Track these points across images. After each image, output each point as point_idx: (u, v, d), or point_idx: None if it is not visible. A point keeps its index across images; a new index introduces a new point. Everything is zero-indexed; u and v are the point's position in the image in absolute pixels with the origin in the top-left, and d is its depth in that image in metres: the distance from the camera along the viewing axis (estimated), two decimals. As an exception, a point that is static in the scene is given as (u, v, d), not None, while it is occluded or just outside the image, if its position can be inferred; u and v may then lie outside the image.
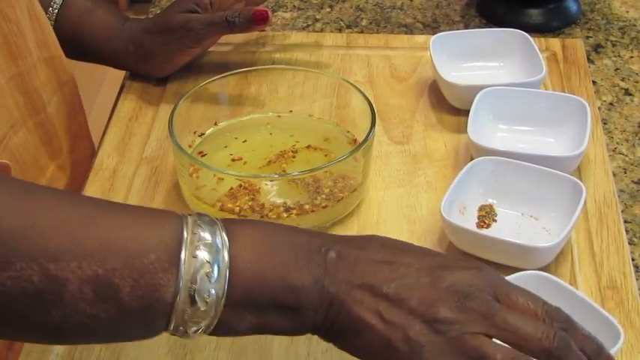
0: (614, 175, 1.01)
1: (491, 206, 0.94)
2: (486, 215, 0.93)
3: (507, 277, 0.83)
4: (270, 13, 1.04)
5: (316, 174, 0.93)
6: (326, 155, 0.98)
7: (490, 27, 1.26)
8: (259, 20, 1.04)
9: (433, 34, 1.12)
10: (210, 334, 0.65)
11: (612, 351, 0.76)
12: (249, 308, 0.65)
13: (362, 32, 1.25)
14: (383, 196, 0.98)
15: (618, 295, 0.87)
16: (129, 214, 0.65)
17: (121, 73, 1.16)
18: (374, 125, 0.94)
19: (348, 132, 1.01)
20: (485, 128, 1.02)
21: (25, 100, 0.96)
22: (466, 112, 1.01)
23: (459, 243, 0.90)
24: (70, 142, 1.05)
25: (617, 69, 1.18)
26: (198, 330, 0.64)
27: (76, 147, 1.06)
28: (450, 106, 1.08)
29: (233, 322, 0.65)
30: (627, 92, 1.14)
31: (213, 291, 0.63)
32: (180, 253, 0.63)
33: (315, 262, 0.66)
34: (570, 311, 0.81)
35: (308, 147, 0.99)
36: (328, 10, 1.30)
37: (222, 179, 0.93)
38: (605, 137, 1.06)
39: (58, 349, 0.83)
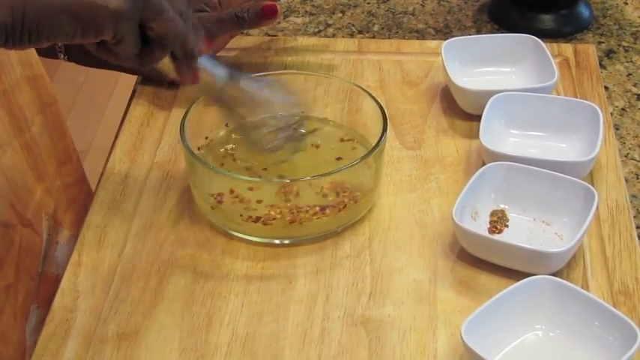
0: (627, 180, 1.01)
1: (503, 211, 0.94)
2: (498, 220, 0.93)
3: (519, 282, 0.83)
4: (279, 7, 1.04)
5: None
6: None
7: (502, 32, 1.26)
8: (268, 14, 1.04)
9: (445, 39, 1.12)
10: None
11: (630, 352, 0.76)
12: None
13: (374, 37, 1.25)
14: (394, 201, 0.98)
15: (631, 301, 0.86)
16: None
17: (133, 78, 1.16)
18: (385, 130, 0.94)
19: (362, 136, 1.01)
20: (497, 133, 1.01)
21: (10, 120, 0.95)
22: (478, 118, 1.01)
23: (470, 248, 0.90)
24: (54, 166, 1.04)
25: (629, 74, 1.18)
26: None
27: (60, 172, 1.05)
28: (461, 111, 1.08)
29: None
30: (639, 98, 1.14)
31: None
32: None
33: None
34: (585, 315, 0.81)
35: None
36: (340, 15, 1.30)
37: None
38: (618, 143, 1.06)
39: (70, 352, 0.83)
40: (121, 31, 0.74)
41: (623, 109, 1.12)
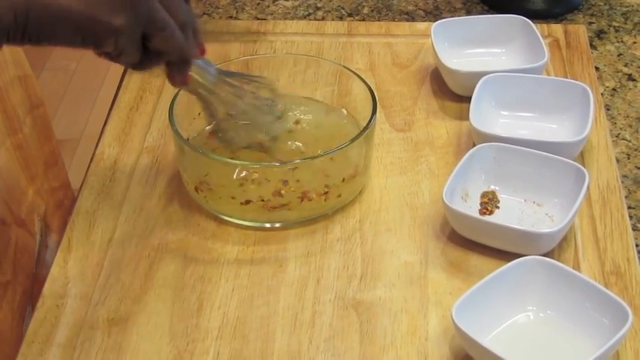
0: (618, 160, 1.00)
1: (493, 192, 0.94)
2: (489, 202, 0.93)
3: (510, 263, 0.83)
4: None
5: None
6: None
7: (492, 13, 1.25)
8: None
9: (435, 21, 1.12)
10: None
11: (621, 332, 0.76)
12: None
13: (363, 20, 1.25)
14: (385, 184, 0.97)
15: (622, 281, 0.86)
16: None
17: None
18: (375, 112, 0.93)
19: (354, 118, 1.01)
20: (488, 115, 1.01)
21: (3, 119, 0.95)
22: (468, 99, 1.01)
23: (461, 230, 0.90)
24: (42, 168, 1.04)
25: (620, 54, 1.18)
26: None
27: (47, 175, 1.05)
28: (451, 92, 1.07)
29: None
30: (630, 78, 1.14)
31: None
32: None
33: None
34: (576, 296, 0.81)
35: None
36: (329, -2, 1.30)
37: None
38: (609, 123, 1.05)
39: (60, 338, 0.83)
40: (121, 46, 0.73)
41: (613, 90, 1.12)
